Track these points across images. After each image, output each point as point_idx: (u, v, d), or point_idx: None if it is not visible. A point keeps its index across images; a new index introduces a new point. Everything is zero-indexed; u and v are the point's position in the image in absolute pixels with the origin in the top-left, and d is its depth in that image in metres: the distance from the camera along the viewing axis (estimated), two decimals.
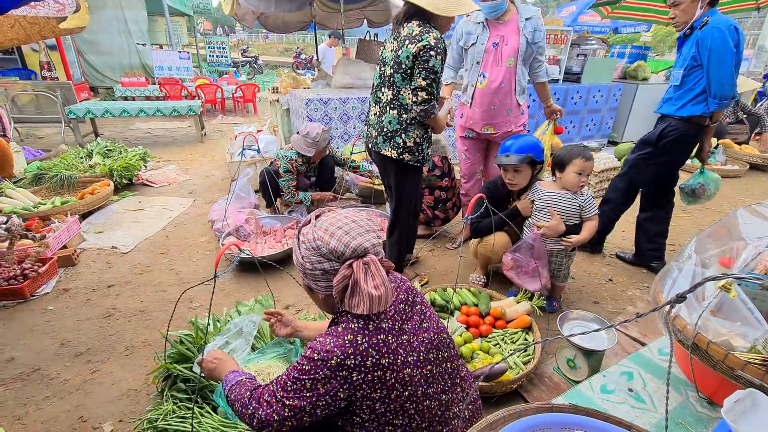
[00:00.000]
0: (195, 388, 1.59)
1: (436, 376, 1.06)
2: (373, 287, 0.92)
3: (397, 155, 2.12)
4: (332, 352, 0.91)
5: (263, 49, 25.22)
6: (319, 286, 1.02)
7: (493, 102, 2.56)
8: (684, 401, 1.32)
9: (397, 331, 0.99)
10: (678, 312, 1.21)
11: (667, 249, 3.12)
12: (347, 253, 0.95)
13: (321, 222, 1.00)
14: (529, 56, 2.52)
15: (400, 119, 2.08)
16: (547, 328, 2.06)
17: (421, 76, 1.92)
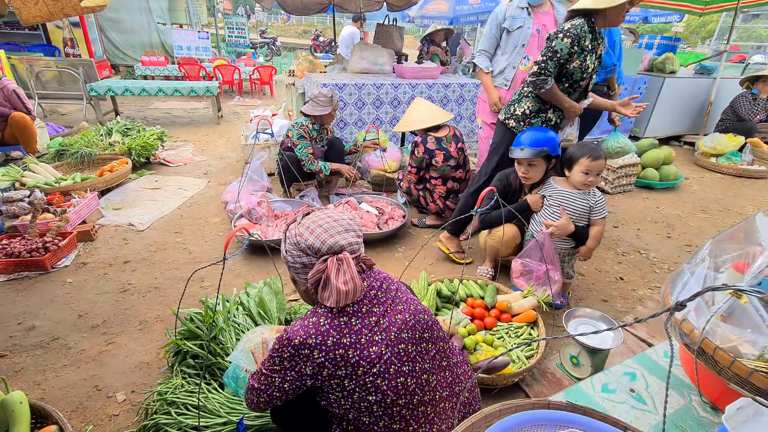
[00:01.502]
0: (203, 365, 1.65)
1: (411, 355, 1.10)
2: (342, 282, 1.01)
3: (504, 118, 2.45)
4: (297, 332, 1.01)
5: (281, 31, 25.06)
6: (300, 278, 1.12)
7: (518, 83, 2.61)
8: (686, 405, 1.31)
9: (364, 314, 1.07)
10: (686, 316, 1.19)
11: (683, 249, 3.05)
12: (323, 249, 1.05)
13: (305, 220, 1.11)
14: None
15: (520, 92, 2.41)
16: (553, 324, 2.05)
17: (541, 53, 2.17)
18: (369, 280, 1.13)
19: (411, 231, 3.16)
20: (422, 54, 5.33)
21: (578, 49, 2.11)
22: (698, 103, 5.72)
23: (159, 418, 1.43)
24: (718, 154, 4.90)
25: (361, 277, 1.10)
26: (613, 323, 1.79)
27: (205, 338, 1.72)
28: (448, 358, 1.22)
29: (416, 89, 4.08)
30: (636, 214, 3.63)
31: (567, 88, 2.26)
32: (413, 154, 2.91)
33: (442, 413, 1.16)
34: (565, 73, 2.20)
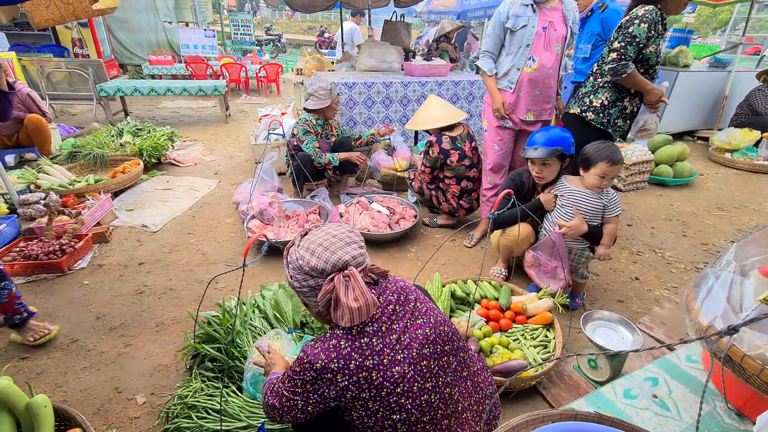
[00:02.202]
0: (222, 368, 1.66)
1: (434, 370, 1.08)
2: (353, 300, 0.98)
3: (580, 111, 2.47)
4: (318, 356, 0.99)
5: (286, 28, 24.99)
6: (311, 301, 1.09)
7: (539, 87, 2.53)
8: (711, 411, 1.29)
9: (384, 332, 1.03)
10: (712, 322, 1.17)
11: (699, 248, 3.01)
12: (327, 268, 1.01)
13: (303, 241, 1.07)
14: (569, 46, 2.51)
15: (594, 84, 2.43)
16: (569, 326, 2.04)
17: (617, 40, 2.22)
18: (385, 293, 1.09)
19: (423, 231, 3.15)
20: (431, 50, 5.29)
21: (654, 34, 2.17)
22: (712, 98, 5.61)
23: (180, 422, 1.45)
24: (733, 149, 4.82)
25: (375, 290, 1.08)
26: (631, 326, 1.77)
27: (222, 341, 1.73)
28: (468, 368, 1.21)
29: (426, 87, 4.05)
30: (650, 211, 3.58)
31: (643, 74, 2.30)
32: (427, 154, 2.89)
33: (464, 423, 1.15)
34: (641, 58, 2.25)
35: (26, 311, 1.91)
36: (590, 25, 3.18)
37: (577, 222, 2.04)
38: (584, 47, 3.26)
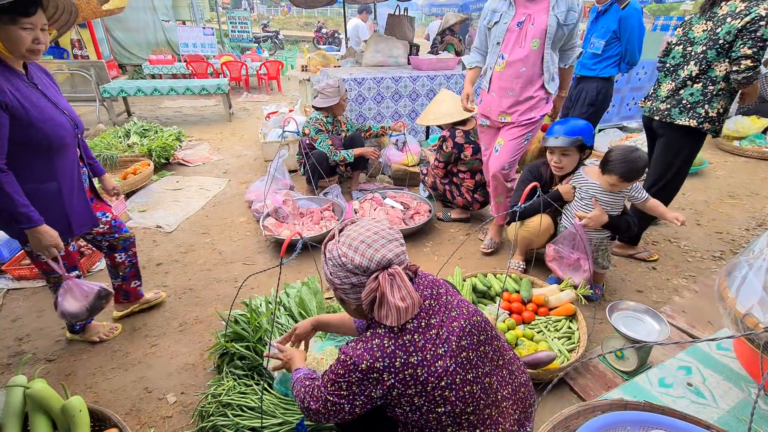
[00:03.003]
0: (255, 365, 1.67)
1: (474, 361, 1.09)
2: (400, 299, 0.97)
3: (697, 124, 2.28)
4: (362, 356, 0.98)
5: (283, 24, 24.82)
6: (350, 298, 1.07)
7: (511, 87, 2.30)
8: (746, 398, 1.30)
9: (424, 328, 1.03)
10: (750, 311, 1.18)
11: (714, 237, 3.02)
12: (372, 266, 0.99)
13: (344, 237, 1.04)
14: (560, 39, 2.22)
15: (705, 91, 2.25)
16: (594, 317, 2.04)
17: (746, 45, 2.05)
18: (419, 288, 1.10)
19: (437, 225, 3.15)
20: (436, 44, 5.26)
21: None
22: None
23: (216, 420, 1.45)
24: (741, 137, 4.81)
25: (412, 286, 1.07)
26: (658, 315, 1.78)
27: (251, 339, 1.74)
28: (503, 356, 1.22)
29: (434, 81, 4.03)
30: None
31: None
32: (441, 150, 2.88)
33: (504, 412, 1.16)
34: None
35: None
36: (606, 21, 2.99)
37: (598, 213, 2.04)
38: (596, 42, 3.04)
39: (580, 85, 3.23)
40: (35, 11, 1.36)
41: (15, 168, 1.43)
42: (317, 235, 2.75)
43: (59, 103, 1.56)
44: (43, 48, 1.41)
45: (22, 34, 1.34)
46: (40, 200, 1.51)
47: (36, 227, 1.46)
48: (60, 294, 1.63)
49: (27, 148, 1.45)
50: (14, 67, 1.44)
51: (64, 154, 1.57)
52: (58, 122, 1.50)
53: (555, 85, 2.34)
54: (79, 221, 1.69)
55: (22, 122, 1.40)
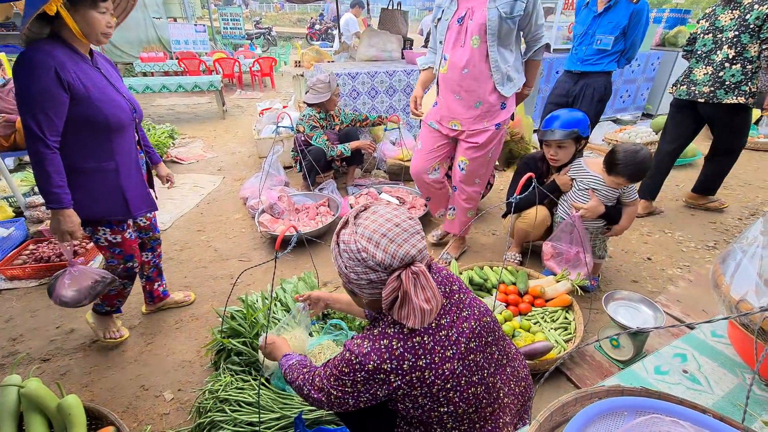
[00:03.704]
0: (249, 361, 1.66)
1: (481, 364, 1.06)
2: (425, 300, 0.91)
3: (744, 101, 2.59)
4: (369, 356, 0.94)
5: (276, 20, 24.64)
6: (364, 293, 1.00)
7: (456, 91, 2.08)
8: (740, 383, 1.32)
9: (434, 329, 0.98)
10: (745, 297, 1.18)
11: (708, 227, 3.04)
12: (395, 264, 0.92)
13: (362, 228, 0.95)
14: (509, 33, 1.93)
15: (744, 71, 2.56)
16: (590, 308, 2.05)
17: None
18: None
19: (432, 219, 3.15)
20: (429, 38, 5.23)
21: None
22: None
23: (214, 416, 1.45)
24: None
25: None
26: (653, 304, 1.79)
27: (247, 335, 1.73)
28: (507, 355, 1.20)
29: None
30: None
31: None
32: None
33: (505, 408, 1.16)
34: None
35: (116, 306, 1.93)
36: (616, 16, 2.85)
37: (595, 203, 2.05)
38: (604, 38, 2.91)
39: (582, 81, 3.09)
40: None
41: (77, 147, 1.48)
42: (314, 231, 2.74)
43: (120, 88, 1.59)
44: (111, 32, 1.46)
45: (99, 17, 1.39)
46: (99, 179, 1.55)
47: (62, 209, 1.45)
48: (64, 279, 1.59)
49: (88, 128, 1.47)
50: (80, 51, 1.46)
51: (123, 136, 1.58)
52: (117, 103, 1.52)
53: (514, 86, 2.07)
54: (137, 203, 1.69)
55: (82, 101, 1.42)
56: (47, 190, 1.42)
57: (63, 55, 1.38)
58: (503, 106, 2.10)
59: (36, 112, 1.34)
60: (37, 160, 1.38)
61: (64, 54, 1.39)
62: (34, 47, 1.35)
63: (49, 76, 1.33)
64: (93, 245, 2.58)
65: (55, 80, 1.34)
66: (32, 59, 1.33)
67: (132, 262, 1.78)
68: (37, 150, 1.37)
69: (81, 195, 1.52)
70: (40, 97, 1.34)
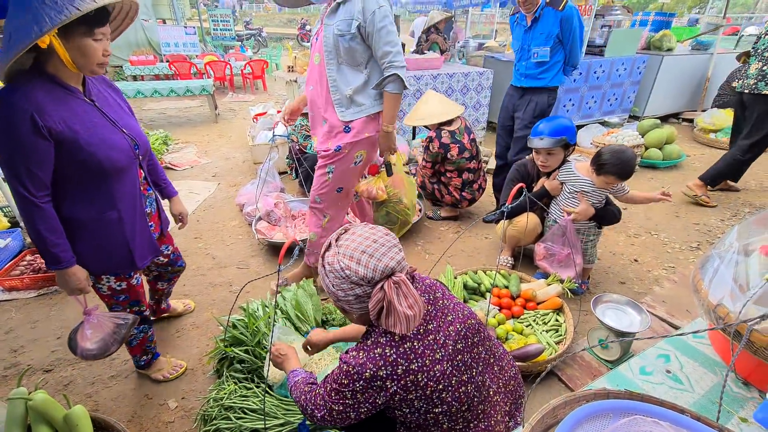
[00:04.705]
0: (252, 369, 1.71)
1: (469, 363, 1.14)
2: (407, 307, 0.97)
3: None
4: (365, 365, 1.00)
5: (266, 21, 24.51)
6: (353, 308, 1.06)
7: (309, 106, 2.07)
8: (720, 382, 1.40)
9: (422, 334, 1.06)
10: (721, 301, 1.26)
11: (692, 228, 3.15)
12: (376, 276, 0.99)
13: (344, 249, 1.02)
14: (351, 53, 1.82)
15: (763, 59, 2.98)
16: (579, 310, 2.13)
17: None
18: (419, 293, 1.11)
19: (427, 224, 3.22)
20: (421, 42, 5.30)
21: None
22: (696, 80, 5.77)
23: (219, 424, 1.50)
24: (716, 129, 4.98)
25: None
26: (638, 306, 1.88)
27: (249, 343, 1.77)
28: (493, 354, 1.28)
29: (421, 81, 4.08)
30: None
31: None
32: (428, 150, 2.94)
33: (496, 406, 1.23)
34: None
35: (152, 352, 1.83)
36: (545, 26, 2.68)
37: (584, 207, 2.13)
38: (540, 51, 2.74)
39: (527, 96, 2.93)
40: (108, 18, 1.22)
41: (72, 195, 1.31)
42: None
43: (119, 120, 1.38)
44: (108, 61, 1.26)
45: (95, 45, 1.20)
46: (100, 232, 1.39)
47: (64, 269, 1.32)
48: (84, 331, 1.47)
49: (81, 174, 1.30)
50: (69, 84, 1.27)
51: (123, 179, 1.40)
52: (112, 143, 1.32)
53: (360, 112, 1.93)
54: (142, 253, 1.54)
55: (70, 145, 1.23)
56: (43, 250, 1.28)
57: (44, 95, 1.19)
58: (347, 129, 1.95)
59: (16, 167, 1.18)
60: (27, 219, 1.24)
61: (46, 92, 1.20)
62: (10, 87, 1.16)
63: (24, 125, 1.14)
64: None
65: (31, 129, 1.15)
66: (6, 103, 1.14)
67: (139, 307, 1.66)
68: (25, 209, 1.22)
69: (82, 247, 1.37)
70: (18, 150, 1.17)
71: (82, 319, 1.49)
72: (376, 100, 1.94)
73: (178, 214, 1.83)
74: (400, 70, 1.82)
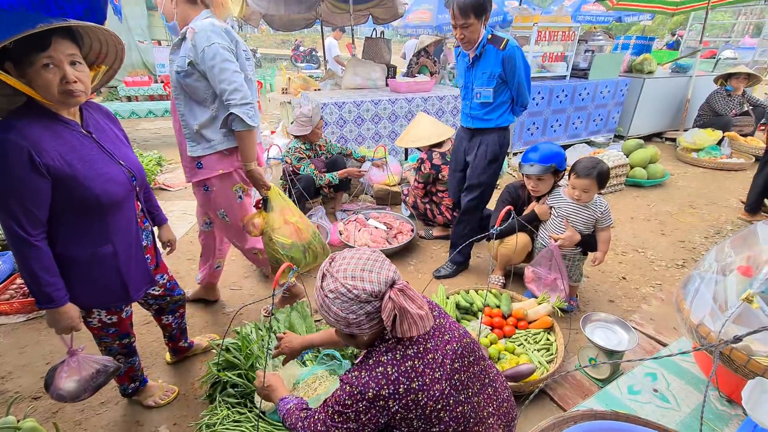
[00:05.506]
0: (245, 393, 1.70)
1: (465, 382, 1.16)
2: (418, 307, 1.02)
3: None
4: (368, 385, 1.02)
5: (260, 42, 24.95)
6: (363, 329, 1.05)
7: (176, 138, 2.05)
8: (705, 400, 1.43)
9: (422, 353, 1.08)
10: (703, 321, 1.31)
11: (678, 245, 3.23)
12: (383, 288, 1.02)
13: (342, 273, 1.02)
14: (195, 90, 1.79)
15: None
16: (569, 328, 2.17)
17: None
18: None
19: (419, 243, 3.25)
20: (412, 65, 5.45)
21: None
22: (677, 101, 5.99)
23: None
24: (698, 148, 5.15)
25: None
26: (626, 325, 1.92)
27: (243, 367, 1.77)
28: (488, 375, 1.30)
29: (412, 103, 4.20)
30: (629, 212, 3.81)
31: None
32: (420, 171, 3.01)
33: (490, 427, 1.24)
34: None
35: (139, 380, 1.79)
36: (487, 65, 2.39)
37: (570, 233, 2.19)
38: (483, 91, 2.45)
39: (476, 138, 2.60)
40: (49, 42, 1.12)
41: (66, 231, 1.28)
42: None
43: (116, 152, 1.37)
44: (80, 87, 1.19)
45: (45, 74, 1.13)
46: (94, 267, 1.36)
47: (56, 308, 1.28)
48: (61, 371, 1.40)
49: (77, 210, 1.27)
50: (64, 117, 1.25)
51: (119, 213, 1.37)
52: (109, 176, 1.30)
53: (209, 148, 1.89)
54: (137, 285, 1.51)
55: (67, 181, 1.21)
56: (36, 290, 1.24)
57: (40, 130, 1.17)
58: (198, 165, 1.92)
59: (12, 207, 1.15)
60: (20, 259, 1.20)
61: (43, 127, 1.18)
62: (5, 124, 1.15)
63: (21, 163, 1.12)
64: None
65: (29, 166, 1.13)
66: (1, 140, 1.12)
67: (128, 339, 1.64)
68: (20, 249, 1.19)
69: (74, 283, 1.33)
70: (15, 189, 1.14)
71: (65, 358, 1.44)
72: (226, 136, 1.89)
73: (167, 241, 1.79)
74: (237, 108, 1.72)
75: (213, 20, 1.76)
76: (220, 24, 1.76)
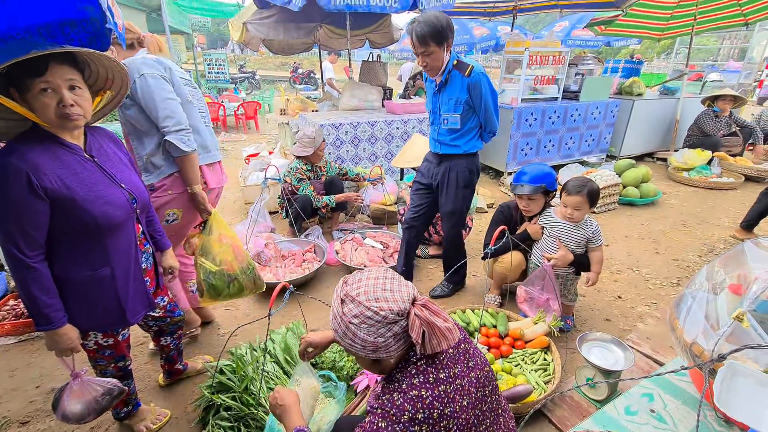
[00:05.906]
0: (239, 416, 1.68)
1: (485, 413, 1.12)
2: (443, 320, 1.00)
3: None
4: (403, 407, 0.98)
5: (259, 64, 25.48)
6: (390, 352, 1.02)
7: None
8: (702, 420, 1.42)
9: (452, 378, 1.04)
10: (696, 340, 1.32)
11: (672, 264, 3.25)
12: (407, 305, 1.00)
13: (364, 296, 1.00)
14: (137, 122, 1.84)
15: None
16: (566, 347, 2.16)
17: None
18: None
19: (416, 262, 3.26)
20: (408, 87, 5.59)
21: None
22: (666, 122, 6.14)
23: None
24: (689, 168, 5.25)
25: None
26: (623, 344, 1.92)
27: (237, 389, 1.75)
28: (500, 404, 1.24)
29: (408, 124, 4.28)
30: (623, 231, 3.84)
31: None
32: None
33: None
34: None
35: (133, 403, 1.77)
36: (453, 91, 2.34)
37: (563, 253, 2.22)
38: (450, 117, 2.40)
39: (445, 164, 2.53)
40: (46, 68, 1.15)
41: (64, 253, 1.29)
42: (300, 277, 2.80)
43: (117, 174, 1.38)
44: (78, 111, 1.21)
45: (42, 99, 1.16)
46: (92, 289, 1.36)
47: (55, 330, 1.28)
48: (65, 394, 1.40)
49: (75, 232, 1.28)
50: (67, 141, 1.27)
51: (118, 235, 1.38)
52: (109, 199, 1.31)
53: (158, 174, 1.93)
54: (135, 308, 1.49)
55: (66, 204, 1.22)
56: (34, 312, 1.24)
57: (41, 153, 1.19)
58: (152, 189, 1.97)
59: (10, 229, 1.17)
60: (18, 280, 1.21)
61: (44, 151, 1.21)
62: (8, 147, 1.18)
63: (19, 185, 1.14)
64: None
65: (27, 189, 1.15)
66: (1, 163, 1.14)
67: (124, 362, 1.63)
68: (18, 270, 1.20)
69: (72, 304, 1.33)
70: (13, 211, 1.16)
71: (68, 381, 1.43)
72: (167, 161, 1.93)
73: (168, 268, 1.77)
74: (172, 135, 1.79)
75: (144, 54, 1.83)
76: (151, 56, 1.84)
